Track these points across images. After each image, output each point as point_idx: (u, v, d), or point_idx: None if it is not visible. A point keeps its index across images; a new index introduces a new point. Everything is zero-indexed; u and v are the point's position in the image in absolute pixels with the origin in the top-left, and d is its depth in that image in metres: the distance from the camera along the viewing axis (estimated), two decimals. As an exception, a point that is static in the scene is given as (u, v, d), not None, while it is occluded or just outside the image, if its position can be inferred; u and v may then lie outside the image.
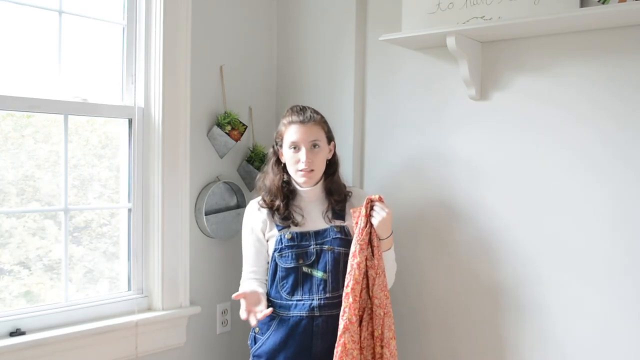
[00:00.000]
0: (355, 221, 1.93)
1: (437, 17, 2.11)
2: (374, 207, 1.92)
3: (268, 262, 2.06)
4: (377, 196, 1.92)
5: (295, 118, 2.00)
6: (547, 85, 2.00)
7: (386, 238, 1.93)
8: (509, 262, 2.08)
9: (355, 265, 1.86)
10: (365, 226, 1.89)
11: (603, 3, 1.83)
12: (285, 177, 2.05)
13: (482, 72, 2.12)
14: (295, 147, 1.99)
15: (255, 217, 2.06)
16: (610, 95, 1.89)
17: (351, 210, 1.96)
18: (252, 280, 2.05)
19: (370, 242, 1.91)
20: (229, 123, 2.36)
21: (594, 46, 1.91)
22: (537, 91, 2.02)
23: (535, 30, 1.96)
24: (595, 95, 1.91)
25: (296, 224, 2.01)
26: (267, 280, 2.07)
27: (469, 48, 2.04)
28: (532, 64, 2.03)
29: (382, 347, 1.89)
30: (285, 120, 2.03)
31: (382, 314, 1.89)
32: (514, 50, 2.06)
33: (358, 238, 1.88)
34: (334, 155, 2.10)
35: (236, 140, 2.38)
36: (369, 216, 1.91)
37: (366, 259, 1.89)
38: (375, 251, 1.90)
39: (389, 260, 1.97)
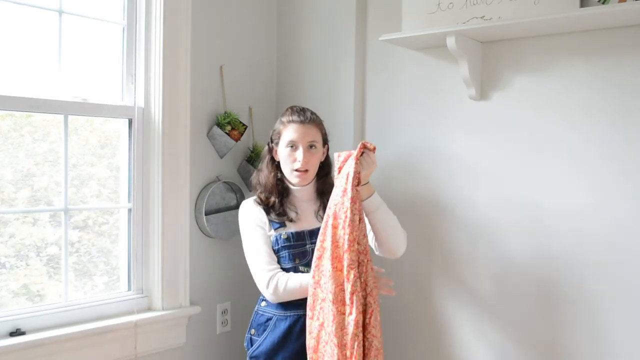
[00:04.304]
0: (339, 165, 1.89)
1: (437, 17, 2.11)
2: (364, 155, 1.87)
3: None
4: (372, 145, 1.88)
5: (295, 118, 2.01)
6: (547, 84, 2.00)
7: (363, 185, 1.90)
8: (503, 263, 2.08)
9: (357, 212, 1.81)
10: (358, 171, 1.84)
11: (603, 3, 1.83)
12: (279, 174, 2.06)
13: (482, 72, 2.12)
14: (293, 145, 2.00)
15: (257, 215, 2.05)
16: (611, 95, 1.89)
17: (336, 154, 1.91)
18: (283, 271, 1.99)
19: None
20: (229, 123, 2.36)
21: (594, 46, 1.91)
22: (537, 91, 2.02)
23: (535, 30, 1.96)
24: (596, 95, 1.91)
25: (291, 220, 2.02)
26: None
27: (469, 48, 2.04)
28: (532, 64, 2.03)
29: (364, 297, 1.85)
30: (284, 119, 2.04)
31: (365, 260, 1.85)
32: (514, 50, 2.06)
33: (353, 184, 1.83)
34: (327, 157, 2.11)
35: (236, 140, 2.38)
36: (359, 159, 1.86)
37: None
38: (358, 196, 1.86)
39: (388, 213, 1.97)
